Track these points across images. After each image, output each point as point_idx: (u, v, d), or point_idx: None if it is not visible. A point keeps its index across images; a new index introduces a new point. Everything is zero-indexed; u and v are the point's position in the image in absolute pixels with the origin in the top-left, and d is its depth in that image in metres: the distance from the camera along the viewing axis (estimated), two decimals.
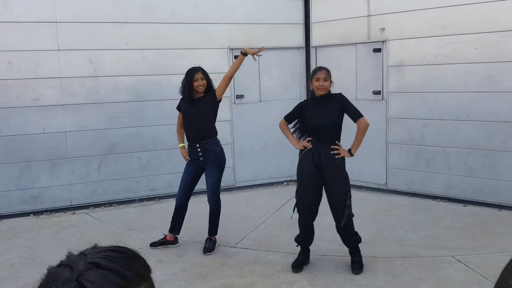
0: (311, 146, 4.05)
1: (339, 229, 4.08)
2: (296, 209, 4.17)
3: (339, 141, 4.05)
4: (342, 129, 4.15)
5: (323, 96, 4.05)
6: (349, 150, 4.05)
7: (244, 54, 4.58)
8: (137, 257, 0.83)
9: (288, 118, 4.26)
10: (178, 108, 4.73)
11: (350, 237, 4.10)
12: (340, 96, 4.12)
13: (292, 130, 4.25)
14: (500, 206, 5.63)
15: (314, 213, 4.11)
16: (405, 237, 4.86)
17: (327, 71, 4.09)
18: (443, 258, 4.30)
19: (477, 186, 5.82)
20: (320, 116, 4.03)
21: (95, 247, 0.84)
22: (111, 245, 0.85)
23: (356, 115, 4.07)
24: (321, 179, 4.03)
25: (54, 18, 5.86)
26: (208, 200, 4.67)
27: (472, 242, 4.69)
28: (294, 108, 4.26)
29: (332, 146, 4.00)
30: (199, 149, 4.55)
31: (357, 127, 4.08)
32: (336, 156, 3.98)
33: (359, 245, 4.19)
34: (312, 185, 4.04)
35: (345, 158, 4.06)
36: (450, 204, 5.90)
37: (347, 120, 4.17)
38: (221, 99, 4.64)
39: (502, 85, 5.51)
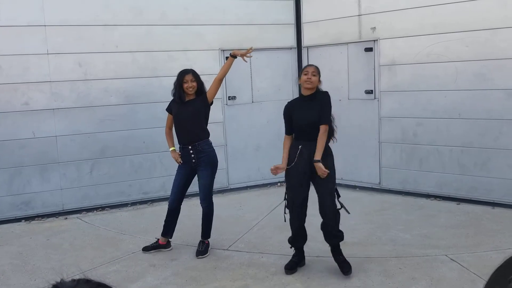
0: (286, 168, 4.02)
1: (324, 226, 4.05)
2: (287, 210, 4.14)
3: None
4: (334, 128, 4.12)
5: (309, 95, 4.02)
6: (316, 162, 3.88)
7: (234, 56, 4.55)
8: None
9: (287, 130, 4.15)
10: (168, 110, 4.68)
11: (335, 233, 4.04)
12: (323, 95, 4.03)
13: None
14: (493, 204, 5.62)
15: (305, 211, 4.09)
16: (399, 237, 4.85)
17: (316, 68, 4.07)
18: (436, 257, 4.29)
19: (470, 184, 5.81)
20: (304, 115, 4.00)
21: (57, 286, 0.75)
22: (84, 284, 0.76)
23: (321, 121, 3.92)
24: (309, 177, 4.01)
25: (43, 22, 5.81)
26: (200, 203, 4.63)
27: (465, 240, 4.68)
28: (284, 118, 4.15)
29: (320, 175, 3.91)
30: (191, 151, 4.52)
31: None
32: (324, 177, 3.90)
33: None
34: (301, 183, 4.02)
35: (333, 156, 4.03)
36: (444, 203, 5.90)
37: (341, 120, 4.14)
38: (212, 101, 4.61)
39: (493, 82, 5.51)
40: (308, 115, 3.99)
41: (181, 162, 4.61)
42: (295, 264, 4.18)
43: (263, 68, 7.02)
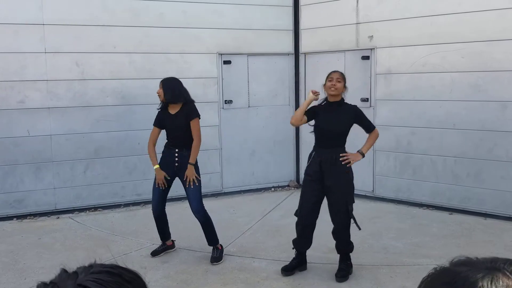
0: (318, 93, 4.03)
1: (336, 234, 4.09)
2: (297, 212, 4.18)
3: (343, 146, 4.06)
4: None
5: (336, 102, 4.03)
6: (361, 152, 4.04)
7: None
8: (133, 281, 0.79)
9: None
10: (156, 123, 4.63)
11: (345, 245, 4.10)
12: (356, 110, 4.11)
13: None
14: (485, 215, 5.65)
15: (311, 218, 4.10)
16: (391, 245, 4.86)
17: (341, 74, 4.10)
18: (428, 267, 4.22)
19: (463, 195, 5.84)
20: (331, 122, 4.03)
21: (91, 265, 0.80)
22: (110, 265, 0.81)
23: (370, 128, 4.15)
24: (324, 186, 4.02)
25: (41, 20, 5.81)
26: (194, 214, 4.51)
27: (457, 250, 4.69)
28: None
29: (340, 155, 3.98)
30: (176, 154, 4.51)
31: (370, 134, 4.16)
32: (347, 165, 3.99)
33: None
34: (314, 191, 4.05)
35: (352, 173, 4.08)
36: (436, 212, 5.92)
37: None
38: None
39: (488, 94, 5.55)
40: (333, 123, 4.02)
41: (164, 186, 4.57)
42: (292, 267, 4.18)
43: (260, 73, 7.03)
